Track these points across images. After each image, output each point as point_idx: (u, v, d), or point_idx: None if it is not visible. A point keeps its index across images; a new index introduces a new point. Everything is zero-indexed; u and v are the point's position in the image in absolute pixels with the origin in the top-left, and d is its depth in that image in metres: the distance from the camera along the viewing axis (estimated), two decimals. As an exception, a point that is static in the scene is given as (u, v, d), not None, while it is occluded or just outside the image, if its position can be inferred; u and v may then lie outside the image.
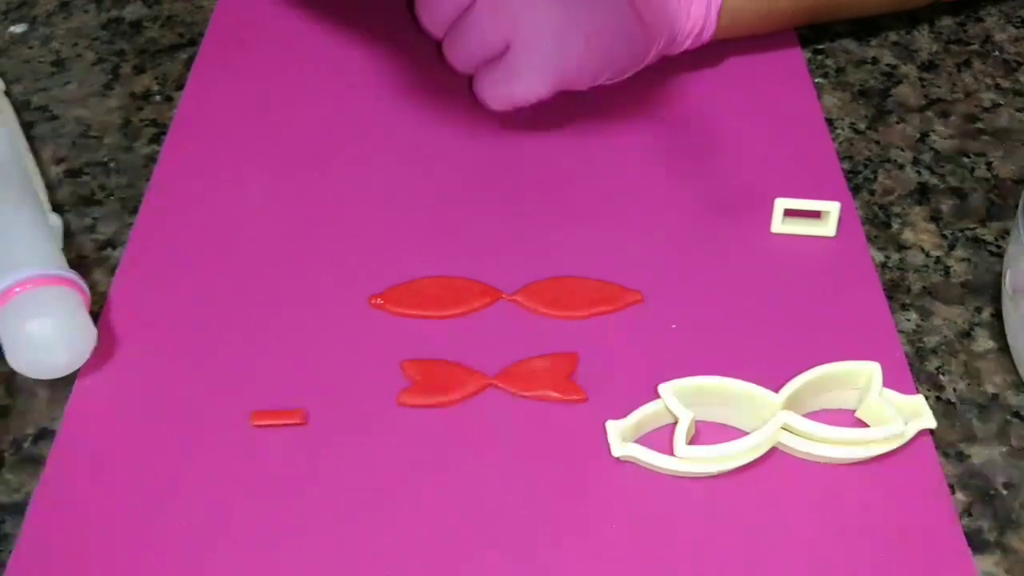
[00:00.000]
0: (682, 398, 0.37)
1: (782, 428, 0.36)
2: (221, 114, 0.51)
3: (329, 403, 0.39)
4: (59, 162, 0.50)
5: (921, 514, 0.35)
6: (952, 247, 0.44)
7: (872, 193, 0.47)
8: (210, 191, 0.47)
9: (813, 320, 0.41)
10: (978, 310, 0.42)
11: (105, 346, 0.40)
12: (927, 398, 0.39)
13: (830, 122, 0.50)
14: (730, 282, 0.42)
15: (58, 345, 0.38)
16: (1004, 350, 0.40)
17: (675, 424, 0.36)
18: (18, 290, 0.38)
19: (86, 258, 0.45)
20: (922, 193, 0.47)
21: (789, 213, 0.44)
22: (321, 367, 0.40)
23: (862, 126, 0.50)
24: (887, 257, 0.44)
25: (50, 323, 0.37)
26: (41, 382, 0.40)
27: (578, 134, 0.49)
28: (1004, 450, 0.37)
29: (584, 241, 0.44)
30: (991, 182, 0.47)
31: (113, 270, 0.44)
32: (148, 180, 0.48)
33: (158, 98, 0.53)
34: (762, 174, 0.47)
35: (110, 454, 0.37)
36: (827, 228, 0.44)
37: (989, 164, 0.48)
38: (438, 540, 0.35)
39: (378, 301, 0.42)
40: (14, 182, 0.44)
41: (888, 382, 0.38)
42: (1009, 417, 0.38)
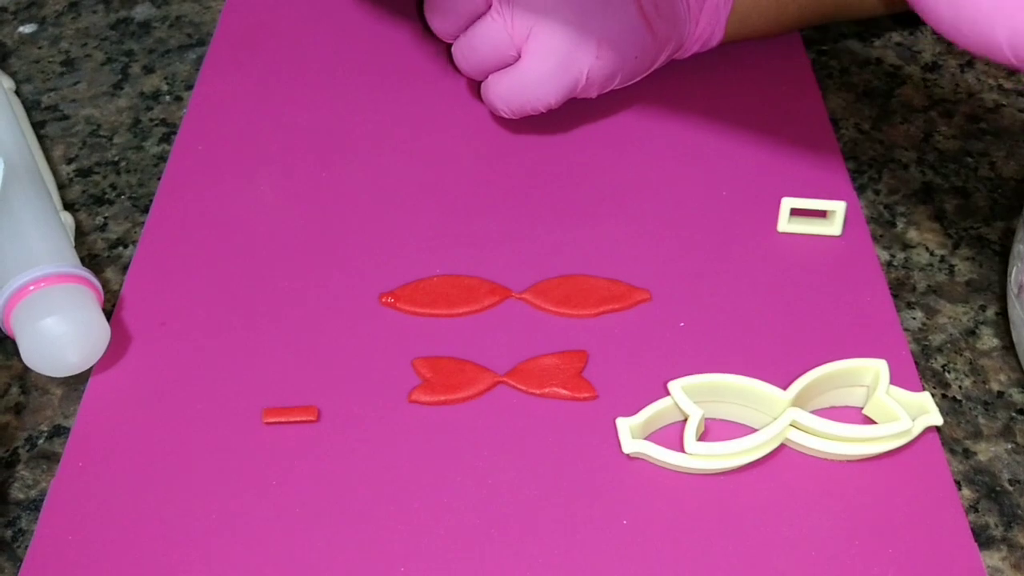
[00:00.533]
0: (691, 395, 0.37)
1: (790, 425, 0.36)
2: (230, 113, 0.51)
3: (341, 401, 0.39)
4: (70, 162, 0.50)
5: (928, 510, 0.35)
6: (956, 246, 0.45)
7: (877, 192, 0.47)
8: (220, 190, 0.47)
9: (820, 318, 0.41)
10: (983, 308, 0.42)
11: (118, 344, 0.41)
12: (933, 396, 0.39)
13: (835, 122, 0.51)
14: (737, 280, 0.43)
15: (72, 343, 0.38)
16: (1009, 348, 0.40)
17: (685, 421, 0.37)
18: (32, 288, 0.38)
19: (98, 257, 0.45)
20: (926, 192, 0.47)
21: (795, 212, 0.44)
22: (333, 365, 0.40)
23: (867, 126, 0.50)
24: (892, 256, 0.44)
25: (64, 321, 0.38)
26: (55, 379, 0.40)
27: (586, 134, 0.49)
28: (1010, 447, 0.37)
29: (592, 240, 0.44)
30: (994, 181, 0.47)
31: (125, 269, 0.44)
32: (159, 179, 0.48)
33: (167, 98, 0.53)
34: (768, 174, 0.47)
35: (124, 451, 0.38)
36: (833, 227, 0.44)
37: (992, 164, 0.48)
38: (449, 536, 0.35)
39: (389, 299, 0.42)
40: (26, 181, 0.44)
41: (894, 380, 0.38)
42: (1014, 414, 0.38)
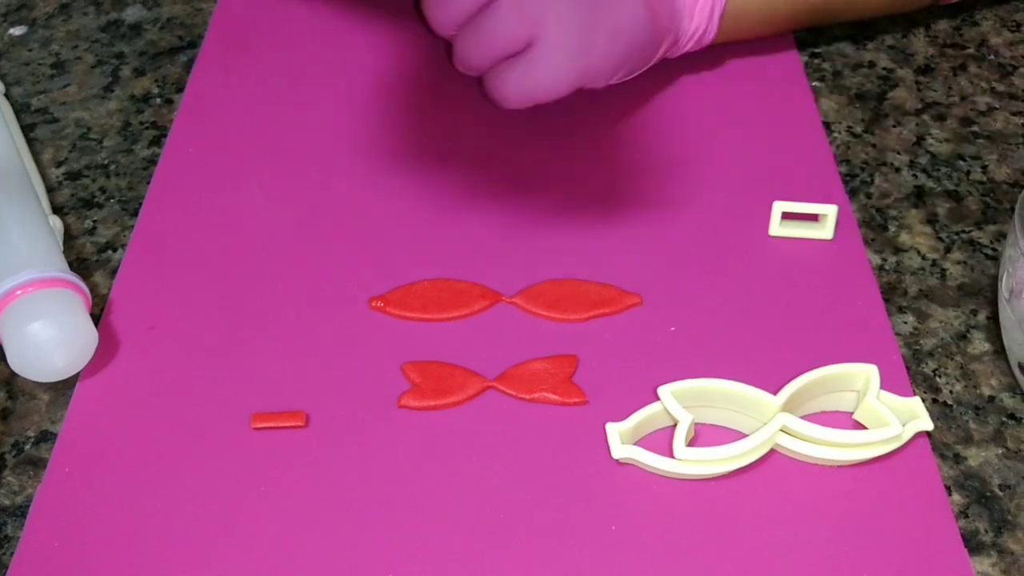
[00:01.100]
0: (681, 400, 0.37)
1: (780, 430, 0.36)
2: (221, 116, 0.51)
3: (329, 406, 0.39)
4: (59, 165, 0.50)
5: (918, 516, 0.35)
6: (948, 250, 0.45)
7: (869, 196, 0.47)
8: (210, 193, 0.47)
9: (811, 323, 0.41)
10: (974, 313, 0.42)
11: (106, 349, 0.41)
12: (924, 400, 0.39)
13: (827, 125, 0.50)
14: (728, 285, 0.43)
15: (59, 348, 0.38)
16: (1000, 352, 0.40)
17: (674, 426, 0.37)
18: (19, 293, 0.38)
19: (86, 260, 0.45)
20: (918, 196, 0.47)
21: (787, 216, 0.44)
22: (322, 370, 0.40)
23: (859, 129, 0.50)
24: (884, 260, 0.44)
25: (51, 326, 0.37)
26: (42, 384, 0.40)
27: (577, 138, 0.49)
28: (1000, 452, 0.37)
29: (583, 244, 0.44)
30: (987, 185, 0.47)
31: (113, 273, 0.44)
32: (148, 183, 0.48)
33: (158, 100, 0.53)
34: (760, 177, 0.47)
35: (111, 456, 0.37)
36: (824, 231, 0.44)
37: (985, 167, 0.48)
38: (438, 542, 0.35)
39: (378, 304, 0.42)
40: (14, 185, 0.44)
41: (885, 384, 0.38)
42: (1005, 419, 0.38)
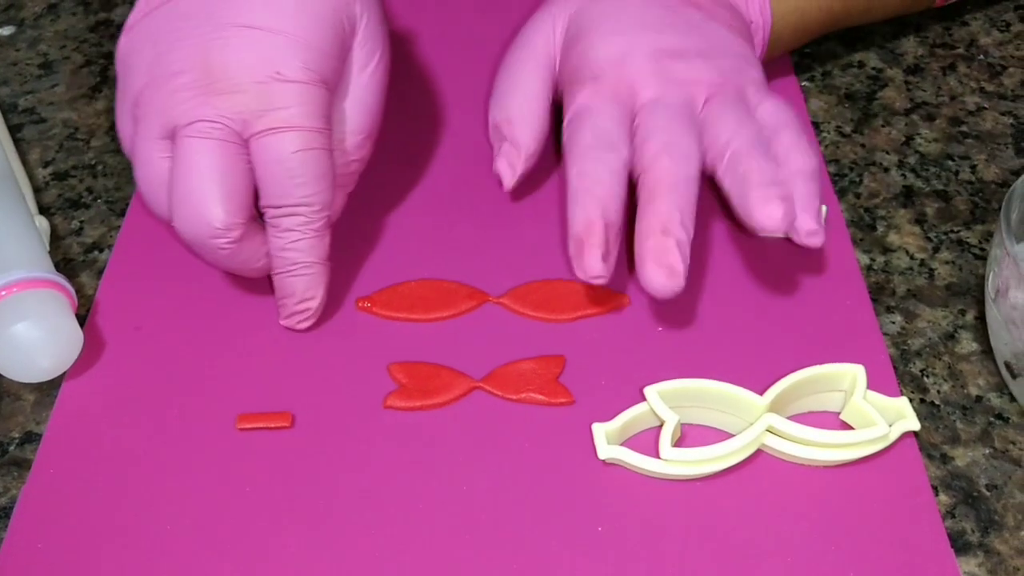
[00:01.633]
0: (667, 400, 0.37)
1: (767, 431, 0.36)
2: (209, 117, 0.51)
3: (316, 406, 0.39)
4: (46, 165, 0.50)
5: (905, 516, 0.35)
6: (936, 250, 0.45)
7: (857, 196, 0.47)
8: (197, 194, 0.47)
9: (798, 322, 0.41)
10: (962, 312, 0.42)
11: (92, 349, 0.40)
12: (911, 400, 0.39)
13: (816, 125, 0.50)
14: (716, 284, 0.43)
15: (44, 349, 0.38)
16: (988, 352, 0.40)
17: (661, 427, 0.37)
18: (3, 293, 0.38)
19: (73, 261, 0.45)
20: (907, 196, 0.47)
21: (775, 216, 0.44)
22: (308, 370, 0.40)
23: (848, 129, 0.50)
24: (872, 260, 0.44)
25: (36, 327, 0.37)
26: (27, 385, 0.40)
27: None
28: (987, 452, 0.37)
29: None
30: (975, 185, 0.47)
31: (100, 273, 0.44)
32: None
33: (145, 100, 0.53)
34: (748, 177, 0.47)
35: (96, 457, 0.37)
36: (813, 231, 0.44)
37: (973, 167, 0.48)
38: (424, 543, 0.35)
39: (365, 304, 0.42)
40: (0, 185, 0.44)
41: (872, 384, 0.38)
42: (992, 419, 0.38)
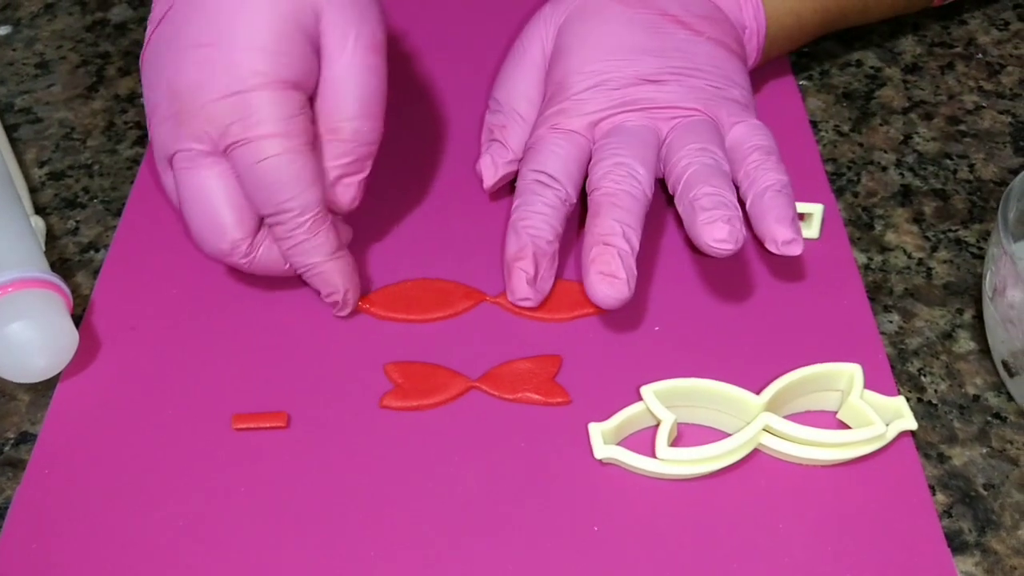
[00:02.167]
0: (664, 400, 0.37)
1: (763, 430, 0.36)
2: (205, 116, 0.51)
3: (311, 406, 0.39)
4: (42, 165, 0.49)
5: (902, 515, 0.35)
6: (935, 249, 0.44)
7: (855, 195, 0.47)
8: (194, 194, 0.47)
9: (796, 322, 0.41)
10: (960, 312, 0.42)
11: (87, 349, 0.40)
12: (908, 399, 0.39)
13: (814, 124, 0.50)
14: (713, 284, 0.42)
15: (38, 349, 0.37)
16: (985, 351, 0.40)
17: (657, 426, 0.36)
18: (-1, 293, 0.38)
19: (69, 261, 0.45)
20: (905, 195, 0.47)
21: (772, 215, 0.44)
22: (304, 370, 0.40)
23: (846, 128, 0.50)
24: (870, 259, 0.44)
25: (31, 327, 0.37)
26: (22, 385, 0.40)
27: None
28: (985, 451, 0.37)
29: (567, 244, 0.44)
30: (973, 184, 0.47)
31: (96, 273, 0.44)
32: (132, 183, 0.48)
33: (142, 100, 0.53)
34: (746, 176, 0.47)
35: (91, 458, 0.37)
36: (810, 230, 0.44)
37: (971, 166, 0.48)
38: (421, 543, 0.35)
39: (364, 305, 0.42)
40: (-4, 185, 0.44)
41: (870, 384, 0.38)
42: (990, 418, 0.38)
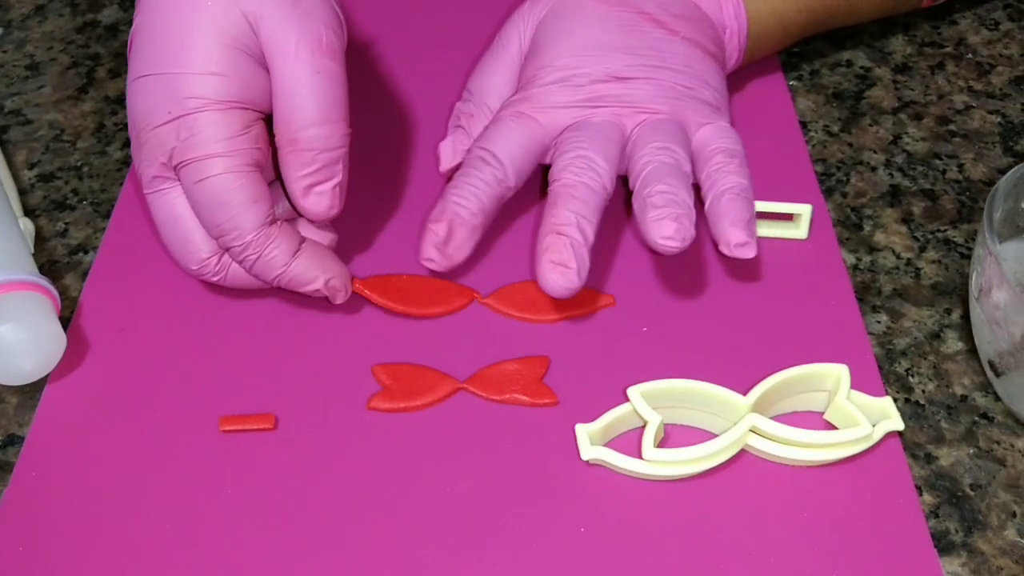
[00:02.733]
0: (650, 401, 0.37)
1: (750, 431, 0.36)
2: (195, 118, 0.51)
3: (299, 408, 0.39)
4: (32, 167, 0.49)
5: (888, 516, 0.35)
6: (923, 249, 0.44)
7: (844, 195, 0.47)
8: (183, 195, 0.47)
9: (784, 322, 0.41)
10: (948, 312, 0.42)
11: (75, 351, 0.40)
12: (896, 400, 0.39)
13: (804, 124, 0.50)
14: (701, 285, 0.43)
15: (26, 351, 0.37)
16: (973, 352, 0.40)
17: (644, 427, 0.36)
18: (-14, 296, 0.38)
19: (58, 263, 0.45)
20: (894, 195, 0.47)
21: (761, 215, 0.44)
22: (291, 372, 0.40)
23: (835, 128, 0.50)
24: (858, 259, 0.44)
25: (18, 329, 0.37)
26: (10, 387, 0.40)
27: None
28: (972, 451, 0.37)
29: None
30: (962, 184, 0.47)
31: (85, 275, 0.44)
32: (121, 185, 0.48)
33: (132, 102, 0.53)
34: (735, 177, 0.47)
35: (79, 460, 0.37)
36: (799, 230, 0.44)
37: (961, 166, 0.48)
38: (408, 544, 0.35)
39: (360, 286, 0.41)
40: (-15, 187, 0.44)
41: (857, 384, 0.38)
42: (977, 418, 0.38)
